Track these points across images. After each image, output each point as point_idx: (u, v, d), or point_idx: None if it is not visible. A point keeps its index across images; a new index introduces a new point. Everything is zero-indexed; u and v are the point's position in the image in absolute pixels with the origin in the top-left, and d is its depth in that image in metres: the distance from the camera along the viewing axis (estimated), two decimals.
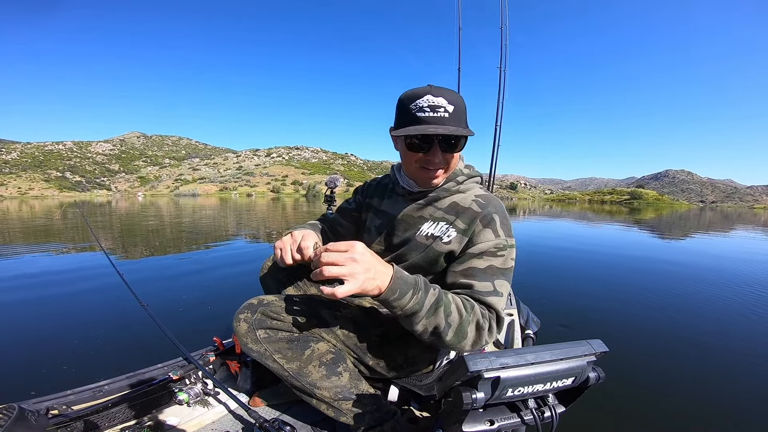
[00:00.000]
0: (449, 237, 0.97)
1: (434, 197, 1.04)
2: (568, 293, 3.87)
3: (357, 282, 0.75)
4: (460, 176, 1.06)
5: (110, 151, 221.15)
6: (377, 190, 1.23)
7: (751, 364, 2.29)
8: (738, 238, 10.35)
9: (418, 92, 0.91)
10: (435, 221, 1.01)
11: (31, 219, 12.92)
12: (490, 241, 0.94)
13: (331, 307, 1.02)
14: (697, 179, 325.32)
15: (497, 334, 0.91)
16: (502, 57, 2.85)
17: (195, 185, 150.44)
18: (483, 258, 0.93)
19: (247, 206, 25.40)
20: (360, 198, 1.28)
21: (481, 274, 0.91)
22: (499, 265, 0.93)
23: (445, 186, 1.04)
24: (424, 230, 1.02)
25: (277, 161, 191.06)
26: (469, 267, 0.93)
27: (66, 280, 3.96)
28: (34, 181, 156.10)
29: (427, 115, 0.89)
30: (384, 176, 1.27)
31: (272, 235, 8.54)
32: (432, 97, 0.89)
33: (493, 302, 0.89)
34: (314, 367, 0.94)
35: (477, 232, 0.96)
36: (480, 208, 0.99)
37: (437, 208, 1.03)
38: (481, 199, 1.02)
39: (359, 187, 1.32)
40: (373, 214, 1.19)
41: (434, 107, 0.88)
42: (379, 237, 1.12)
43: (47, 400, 1.02)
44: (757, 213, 46.34)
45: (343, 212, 1.30)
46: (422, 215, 1.05)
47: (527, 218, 17.34)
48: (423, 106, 0.89)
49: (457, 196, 1.04)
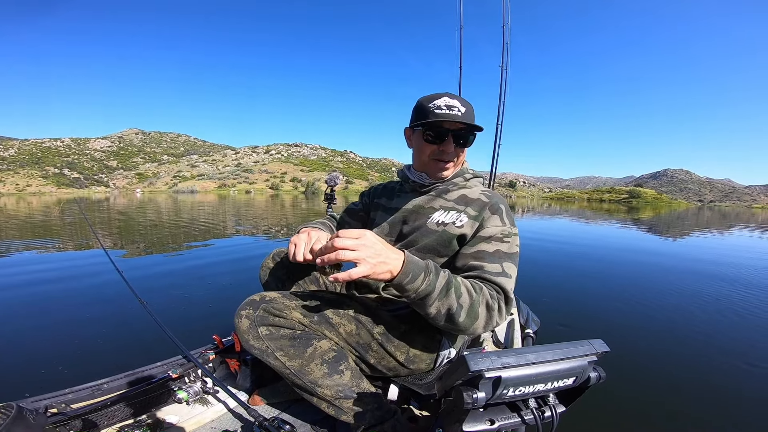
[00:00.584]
0: (461, 222, 1.06)
1: (444, 189, 1.15)
2: (568, 292, 3.88)
3: (369, 265, 0.78)
4: (467, 174, 1.18)
5: (108, 147, 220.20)
6: (385, 191, 1.32)
7: (751, 364, 2.30)
8: (737, 238, 10.39)
9: (437, 95, 1.06)
10: (446, 210, 1.10)
11: (29, 216, 12.88)
12: (498, 227, 1.03)
13: (334, 305, 1.02)
14: (695, 178, 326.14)
15: (507, 315, 0.93)
16: (503, 56, 2.84)
17: (193, 182, 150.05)
18: (491, 242, 1.00)
19: (245, 203, 25.36)
20: (367, 200, 1.37)
21: (489, 256, 0.97)
22: (506, 249, 0.99)
23: (453, 180, 1.16)
24: (435, 218, 1.09)
25: (275, 158, 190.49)
26: (478, 250, 0.99)
27: (65, 278, 3.94)
28: (31, 178, 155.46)
29: (444, 112, 1.02)
30: (390, 181, 1.37)
31: (271, 232, 8.53)
32: (449, 99, 1.03)
33: (502, 282, 0.93)
34: (316, 365, 0.93)
35: (486, 218, 1.05)
36: (488, 199, 1.09)
37: (447, 200, 1.13)
38: (488, 192, 1.13)
39: (365, 191, 1.41)
40: (382, 212, 1.27)
41: (450, 106, 1.02)
42: (388, 228, 1.19)
43: (46, 399, 1.01)
44: (755, 212, 46.50)
45: (350, 212, 1.38)
46: (432, 206, 1.13)
47: (527, 216, 17.35)
48: (440, 105, 1.03)
49: (465, 190, 1.15)
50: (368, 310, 1.05)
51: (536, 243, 7.65)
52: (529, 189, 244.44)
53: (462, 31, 3.18)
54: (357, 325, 1.02)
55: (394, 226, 1.18)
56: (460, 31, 3.19)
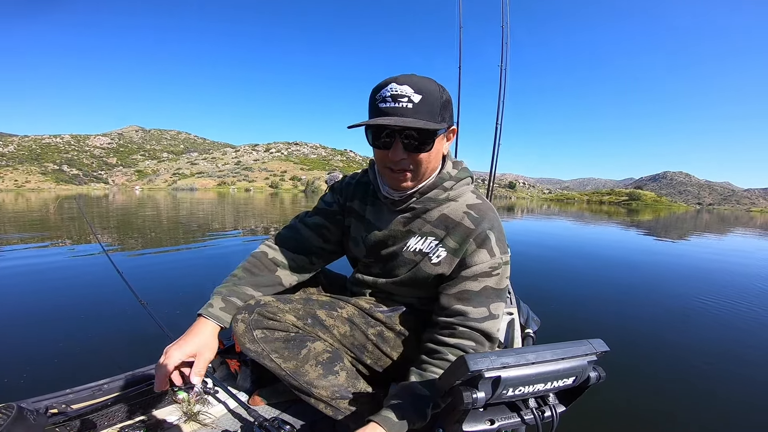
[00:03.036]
0: (438, 258, 0.94)
1: (422, 209, 0.96)
2: (569, 292, 3.89)
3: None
4: (447, 181, 0.95)
5: (108, 144, 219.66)
6: (357, 191, 1.10)
7: (752, 363, 2.31)
8: (736, 241, 10.41)
9: (385, 81, 0.81)
10: (423, 236, 0.96)
11: (26, 211, 12.84)
12: (485, 262, 0.91)
13: (328, 308, 1.02)
14: (694, 181, 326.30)
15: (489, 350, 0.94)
16: (503, 55, 2.84)
17: (193, 179, 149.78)
18: (477, 280, 0.91)
19: (245, 201, 25.32)
20: (340, 199, 1.13)
21: (476, 297, 0.91)
22: (494, 285, 0.92)
23: (431, 195, 0.95)
24: (411, 245, 0.97)
25: (275, 156, 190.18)
26: (463, 290, 0.91)
27: (64, 278, 3.93)
28: (30, 174, 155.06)
29: (388, 105, 0.79)
30: (362, 173, 1.13)
31: (270, 231, 8.52)
32: (396, 85, 0.79)
33: (487, 327, 0.90)
34: (311, 366, 0.94)
35: (470, 252, 0.91)
36: (473, 224, 0.92)
37: (425, 221, 0.97)
38: (473, 212, 0.94)
39: (336, 184, 1.17)
40: (357, 221, 1.09)
41: (396, 97, 0.78)
42: (366, 249, 1.07)
43: (46, 399, 1.01)
44: (754, 216, 46.58)
45: (325, 214, 1.13)
46: (410, 229, 0.98)
47: (526, 217, 17.36)
48: (385, 96, 0.80)
49: (446, 208, 0.96)
50: (362, 312, 1.05)
51: (536, 243, 7.66)
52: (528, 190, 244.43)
53: (461, 31, 3.18)
54: (351, 326, 1.02)
55: (372, 248, 1.05)
56: (460, 31, 3.19)
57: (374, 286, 1.10)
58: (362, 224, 1.08)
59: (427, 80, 0.83)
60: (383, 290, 1.09)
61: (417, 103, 0.79)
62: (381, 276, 1.07)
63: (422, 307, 1.07)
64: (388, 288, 1.07)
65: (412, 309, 1.08)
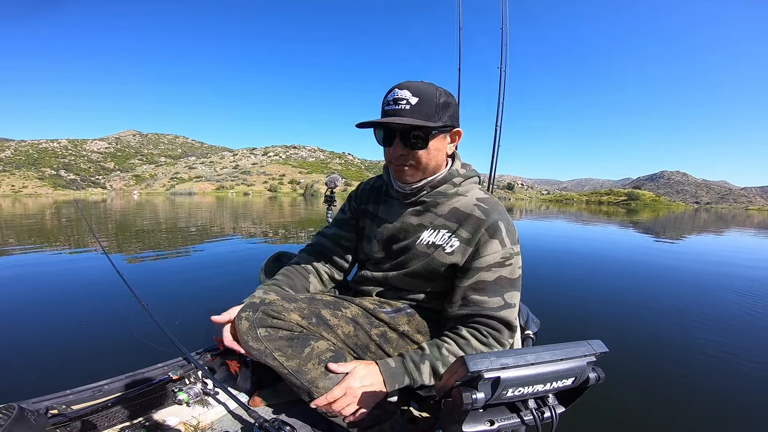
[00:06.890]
0: (452, 247, 0.97)
1: (432, 203, 1.02)
2: (568, 293, 3.90)
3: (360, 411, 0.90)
4: (456, 177, 1.02)
5: (105, 149, 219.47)
6: (372, 194, 1.19)
7: (751, 364, 2.31)
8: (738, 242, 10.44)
9: (391, 87, 0.92)
10: (436, 229, 1.01)
11: (25, 216, 12.80)
12: (497, 252, 0.94)
13: (333, 307, 1.03)
14: (692, 180, 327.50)
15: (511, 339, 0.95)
16: (502, 57, 2.84)
17: (191, 184, 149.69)
18: (491, 270, 0.94)
19: (244, 205, 25.31)
20: (354, 205, 1.23)
21: (491, 287, 0.93)
22: (507, 275, 0.95)
23: (441, 189, 1.01)
24: (424, 238, 1.01)
25: (274, 160, 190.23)
26: (478, 281, 0.94)
27: (65, 280, 3.93)
28: (27, 179, 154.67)
29: (390, 108, 0.90)
30: (377, 178, 1.23)
31: (269, 234, 8.52)
32: (398, 90, 0.89)
33: (505, 315, 0.93)
34: (313, 365, 0.94)
35: (483, 242, 0.95)
36: (484, 215, 0.97)
37: (437, 215, 1.02)
38: (483, 204, 0.99)
39: (352, 192, 1.27)
40: (370, 221, 1.16)
41: (397, 100, 0.89)
42: (378, 245, 1.12)
43: (47, 400, 1.01)
44: (751, 214, 46.75)
45: (341, 224, 1.23)
46: (422, 222, 1.03)
47: (525, 218, 17.39)
48: (389, 100, 0.90)
49: (457, 201, 1.02)
50: (366, 312, 1.06)
51: (536, 245, 7.67)
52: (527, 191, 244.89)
53: (461, 32, 3.19)
54: (355, 326, 1.02)
55: (384, 243, 1.11)
56: (459, 32, 3.20)
57: (384, 282, 1.12)
58: (375, 222, 1.15)
59: (426, 84, 0.91)
60: (393, 285, 1.10)
61: (414, 105, 0.88)
62: (393, 269, 1.09)
63: (429, 305, 1.08)
64: (399, 281, 1.08)
65: (418, 308, 1.09)
